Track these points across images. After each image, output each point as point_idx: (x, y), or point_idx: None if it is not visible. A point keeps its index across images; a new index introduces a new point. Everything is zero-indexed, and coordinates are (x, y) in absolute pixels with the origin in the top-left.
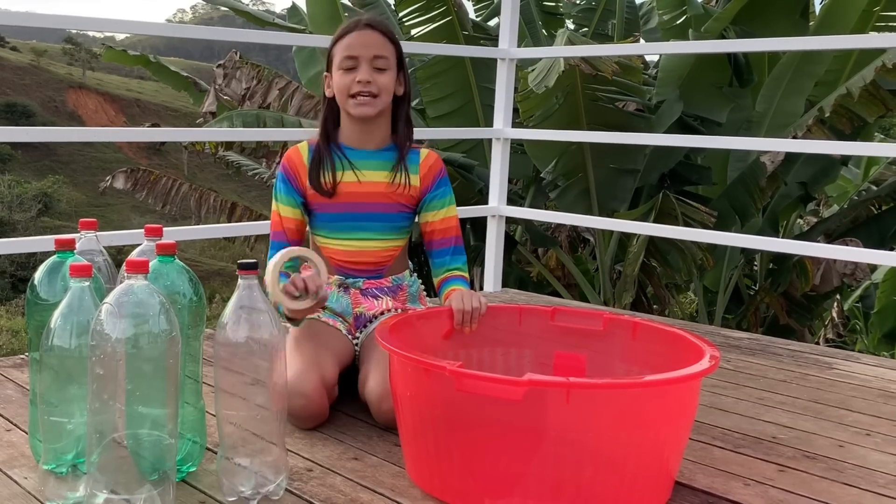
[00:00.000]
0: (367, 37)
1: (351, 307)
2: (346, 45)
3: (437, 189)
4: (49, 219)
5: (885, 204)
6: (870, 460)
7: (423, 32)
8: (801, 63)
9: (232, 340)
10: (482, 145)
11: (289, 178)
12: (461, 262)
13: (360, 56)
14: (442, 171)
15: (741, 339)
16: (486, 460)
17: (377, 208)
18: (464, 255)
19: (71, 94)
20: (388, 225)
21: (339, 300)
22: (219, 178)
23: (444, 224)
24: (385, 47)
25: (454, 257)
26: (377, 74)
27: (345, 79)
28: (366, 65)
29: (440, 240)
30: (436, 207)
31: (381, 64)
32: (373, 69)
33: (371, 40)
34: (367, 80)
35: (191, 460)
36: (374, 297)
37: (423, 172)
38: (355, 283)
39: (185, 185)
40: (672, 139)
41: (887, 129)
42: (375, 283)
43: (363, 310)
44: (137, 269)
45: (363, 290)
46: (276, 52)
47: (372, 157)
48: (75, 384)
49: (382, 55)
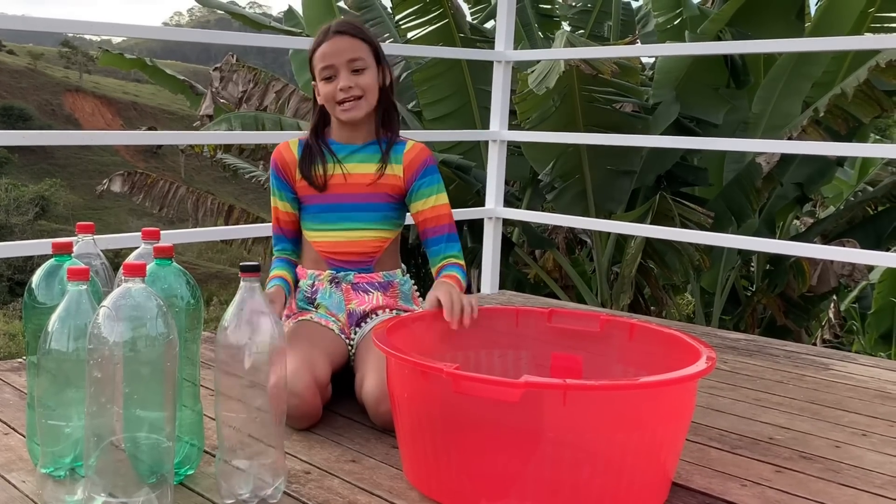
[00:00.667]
0: (338, 43)
1: (343, 303)
2: (321, 55)
3: (423, 178)
4: (46, 222)
5: (881, 205)
6: (866, 461)
7: (420, 35)
8: (797, 64)
9: (233, 343)
10: (479, 147)
11: (278, 174)
12: (456, 250)
13: (335, 64)
14: (427, 160)
15: (738, 340)
16: (484, 462)
17: (363, 199)
18: (458, 242)
19: (68, 97)
20: (375, 215)
21: (332, 295)
22: (216, 181)
23: (435, 212)
24: (358, 48)
25: (448, 244)
26: (356, 77)
27: (328, 88)
28: (344, 71)
29: (433, 228)
30: (423, 196)
31: (357, 66)
32: (351, 73)
33: (342, 45)
34: (348, 86)
35: (189, 463)
36: (364, 293)
37: (407, 162)
38: (346, 276)
39: (182, 188)
40: (668, 141)
41: (883, 130)
42: (366, 277)
43: (355, 306)
44: (135, 273)
45: (354, 285)
46: (272, 55)
47: (358, 150)
48: (73, 387)
49: (357, 57)
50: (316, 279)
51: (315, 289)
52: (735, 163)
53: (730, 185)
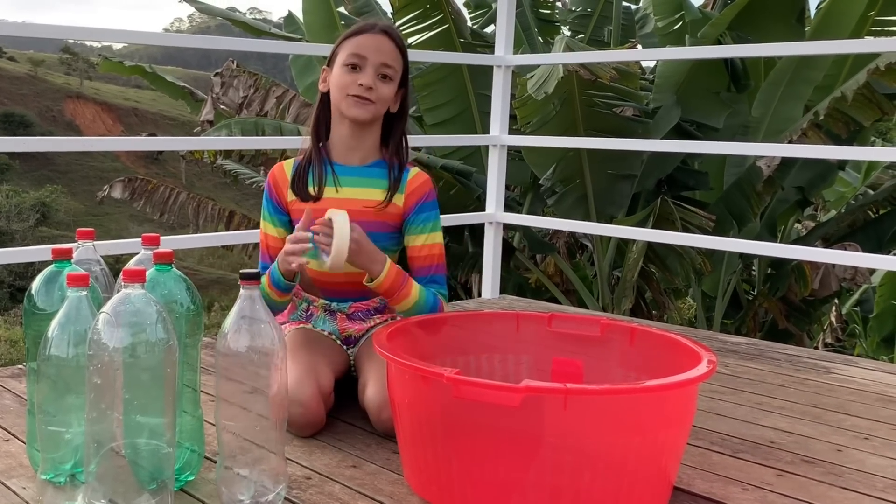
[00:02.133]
0: (380, 41)
1: (338, 331)
2: (357, 44)
3: (420, 213)
4: (47, 228)
5: (882, 208)
6: (868, 464)
7: (420, 40)
8: (797, 68)
9: (233, 350)
10: (480, 152)
11: (272, 197)
12: (436, 287)
13: (368, 57)
14: (428, 194)
15: (739, 343)
16: (484, 467)
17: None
18: (442, 283)
19: (68, 103)
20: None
21: (326, 322)
22: (217, 187)
23: (426, 251)
24: (395, 58)
25: (428, 284)
26: (380, 82)
27: (346, 77)
28: (371, 69)
29: (419, 267)
30: (416, 232)
31: (387, 72)
32: (378, 75)
33: (384, 46)
34: (369, 85)
35: (189, 469)
36: (360, 321)
37: (409, 191)
38: (341, 307)
39: (182, 194)
40: (669, 145)
41: (884, 134)
42: (363, 305)
43: (352, 333)
44: (134, 278)
45: (350, 315)
46: (273, 61)
47: (354, 173)
48: (73, 394)
49: (391, 65)
50: (311, 304)
51: (310, 313)
52: (736, 167)
53: (731, 189)
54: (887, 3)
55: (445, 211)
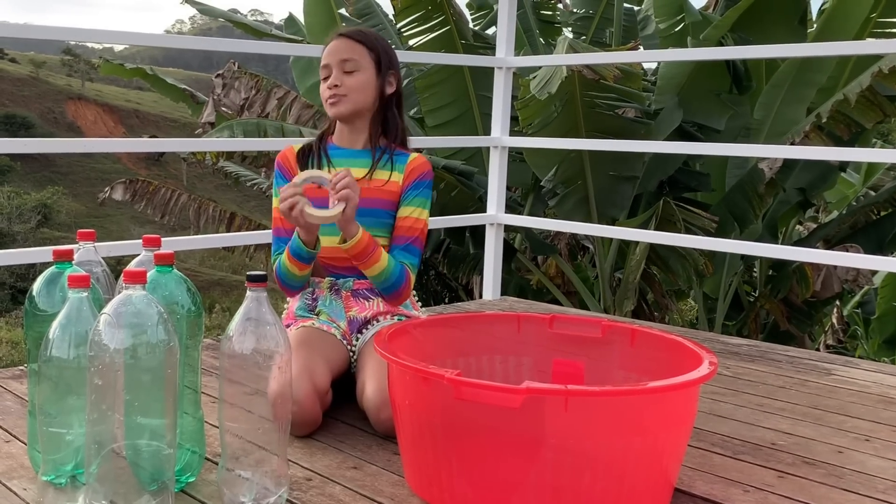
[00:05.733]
0: (336, 45)
1: (343, 311)
2: (323, 57)
3: (415, 189)
4: (48, 230)
5: (883, 210)
6: (869, 466)
7: (422, 42)
8: (799, 70)
9: (237, 352)
10: (481, 153)
11: (282, 172)
12: (408, 258)
13: (330, 63)
14: (425, 174)
15: (740, 345)
16: (485, 468)
17: (361, 204)
18: (416, 256)
19: (70, 105)
20: (372, 220)
21: (332, 303)
22: (218, 189)
23: (410, 223)
24: (354, 51)
25: (403, 252)
26: (345, 77)
27: (322, 87)
28: (336, 70)
29: (399, 236)
30: (406, 204)
31: (348, 67)
32: (342, 73)
33: (339, 47)
34: (334, 84)
35: (190, 470)
36: (364, 299)
37: (407, 171)
38: (345, 283)
39: (184, 196)
40: (671, 146)
41: (886, 135)
42: (366, 283)
43: (355, 313)
44: (135, 280)
45: (354, 292)
46: (274, 63)
47: (354, 155)
48: (74, 395)
49: (349, 58)
50: (316, 287)
51: (315, 296)
52: (737, 168)
53: (732, 191)
54: (889, 5)
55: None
